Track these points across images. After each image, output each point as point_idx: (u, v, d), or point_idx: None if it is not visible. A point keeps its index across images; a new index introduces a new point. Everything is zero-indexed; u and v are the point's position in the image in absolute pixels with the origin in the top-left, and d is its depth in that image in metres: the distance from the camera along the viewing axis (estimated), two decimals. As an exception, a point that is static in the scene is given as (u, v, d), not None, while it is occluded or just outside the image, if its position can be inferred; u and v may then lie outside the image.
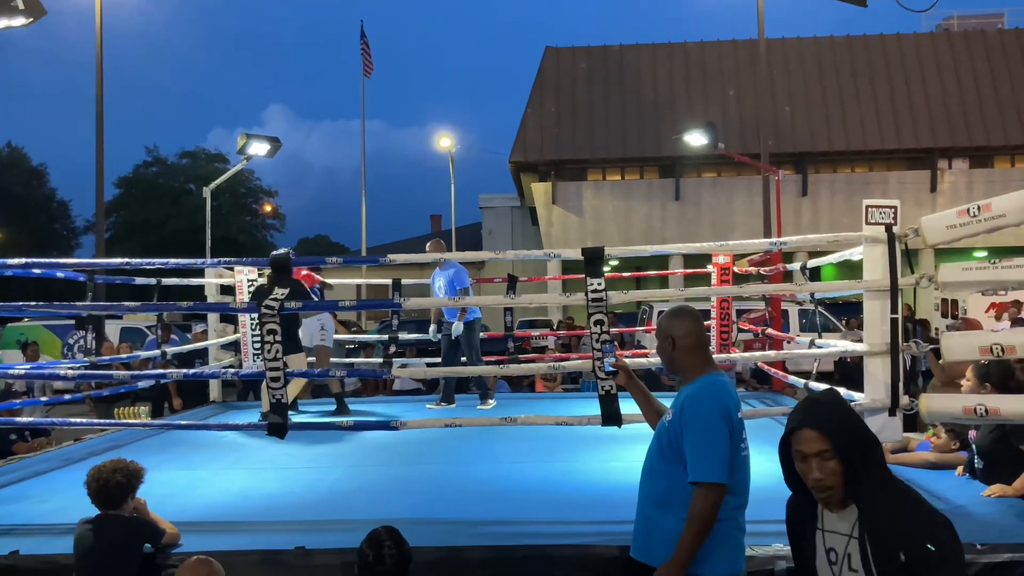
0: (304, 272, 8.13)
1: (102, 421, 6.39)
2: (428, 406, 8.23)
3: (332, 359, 8.47)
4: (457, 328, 8.06)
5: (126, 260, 5.46)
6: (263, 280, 7.80)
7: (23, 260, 5.27)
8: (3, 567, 3.62)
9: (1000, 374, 4.53)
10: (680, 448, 2.90)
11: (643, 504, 3.05)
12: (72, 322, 14.68)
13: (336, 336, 9.58)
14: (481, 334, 9.12)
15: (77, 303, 5.74)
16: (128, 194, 44.49)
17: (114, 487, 3.63)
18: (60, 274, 6.45)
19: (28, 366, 7.69)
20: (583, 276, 4.68)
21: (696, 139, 13.66)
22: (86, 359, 7.25)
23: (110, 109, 16.39)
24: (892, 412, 4.51)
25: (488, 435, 6.43)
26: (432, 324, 8.88)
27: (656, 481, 3.00)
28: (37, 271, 5.89)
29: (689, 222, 27.89)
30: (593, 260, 4.70)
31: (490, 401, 8.21)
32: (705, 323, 8.90)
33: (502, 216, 36.77)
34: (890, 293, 4.49)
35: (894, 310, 4.49)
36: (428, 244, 8.21)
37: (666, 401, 3.21)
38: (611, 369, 3.55)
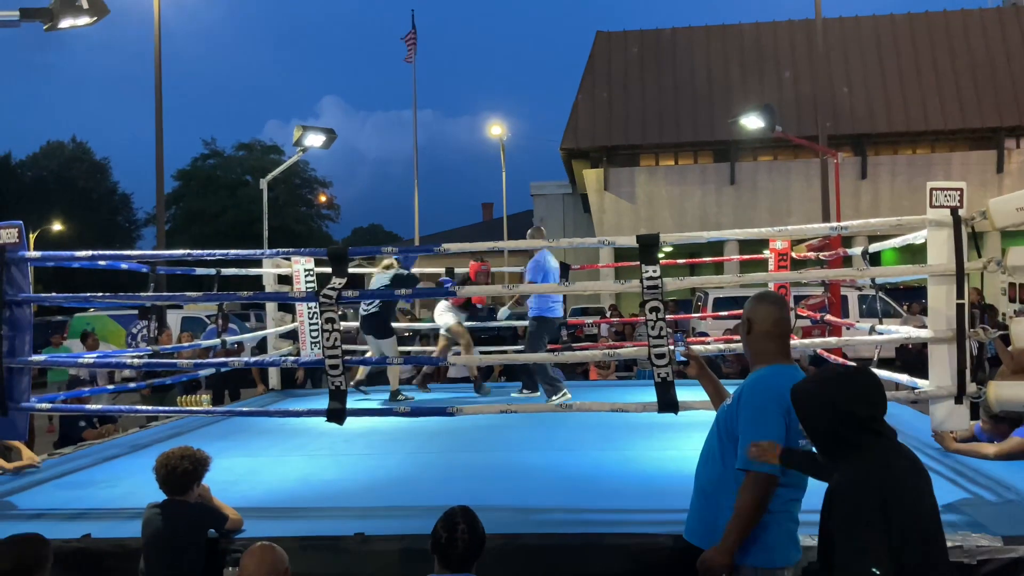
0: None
1: (166, 408, 6.56)
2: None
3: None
4: (502, 314, 8.01)
5: (187, 251, 5.58)
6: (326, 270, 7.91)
7: (90, 252, 5.41)
8: (75, 549, 3.74)
9: None
10: (735, 434, 2.88)
11: (697, 487, 3.06)
12: (136, 312, 15.06)
13: (395, 324, 9.68)
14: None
15: (141, 294, 5.88)
16: (187, 186, 45.54)
17: (181, 474, 3.73)
18: (124, 265, 6.62)
19: (94, 355, 7.92)
20: (636, 263, 4.64)
21: (753, 122, 13.45)
22: (148, 348, 7.45)
23: (168, 103, 16.76)
24: (959, 400, 4.39)
25: (544, 422, 6.44)
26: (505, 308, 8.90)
27: (711, 465, 3.00)
28: (103, 263, 6.05)
29: (745, 207, 27.48)
30: (648, 247, 4.66)
31: (565, 394, 7.41)
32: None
33: (553, 203, 36.68)
34: (956, 278, 4.37)
35: (960, 295, 4.36)
36: (529, 232, 8.10)
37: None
38: (682, 359, 3.53)
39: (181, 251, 5.68)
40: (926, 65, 27.62)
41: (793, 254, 8.06)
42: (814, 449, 2.69)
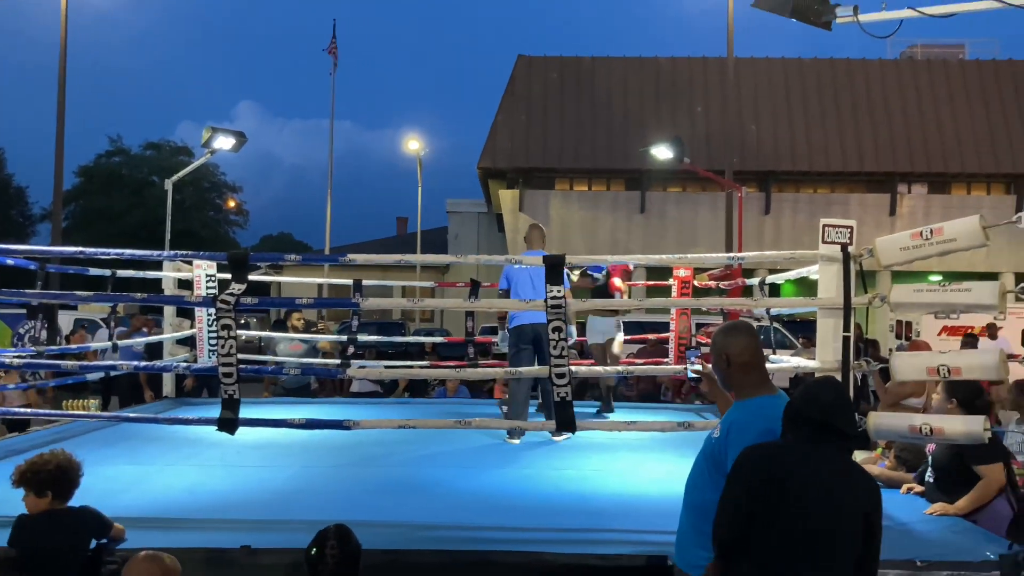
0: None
1: (49, 412, 6.26)
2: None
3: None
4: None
5: (80, 249, 5.36)
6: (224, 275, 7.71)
7: (-30, 245, 5.15)
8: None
9: (966, 392, 4.62)
10: (724, 468, 2.88)
11: (684, 513, 3.09)
12: (23, 311, 14.37)
13: (292, 336, 9.51)
14: (442, 339, 8.95)
15: (27, 291, 5.61)
16: (89, 183, 43.73)
17: (57, 478, 3.54)
18: (10, 261, 6.31)
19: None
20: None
21: (663, 152, 13.80)
22: (34, 349, 7.11)
23: (73, 95, 16.14)
24: (841, 428, 4.58)
25: (444, 439, 6.41)
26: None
27: (698, 494, 3.02)
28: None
29: (653, 235, 28.09)
30: (554, 267, 4.72)
31: (565, 433, 5.84)
32: (663, 335, 9.02)
33: (468, 222, 36.76)
34: (843, 311, 4.57)
35: (847, 328, 4.56)
36: (530, 228, 7.69)
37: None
38: (694, 376, 3.63)
39: (73, 248, 5.46)
40: (830, 109, 28.88)
41: (696, 282, 8.29)
42: None
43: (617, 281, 8.11)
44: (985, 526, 4.22)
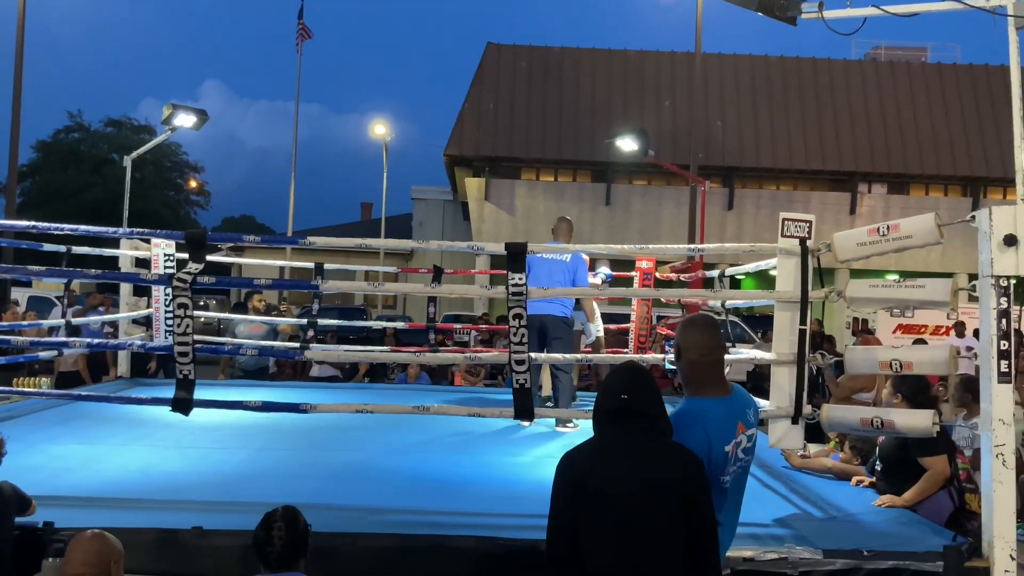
0: None
1: (-2, 390, 6.13)
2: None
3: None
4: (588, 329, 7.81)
5: (33, 224, 5.24)
6: (182, 255, 7.59)
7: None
8: None
9: (912, 387, 4.73)
10: None
11: None
12: (-25, 288, 14.03)
13: (252, 318, 9.40)
14: (403, 325, 8.80)
15: (-23, 265, 5.48)
16: (46, 159, 42.74)
17: None
18: (-39, 234, 6.16)
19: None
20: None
21: (628, 144, 13.85)
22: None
23: (32, 70, 15.75)
24: (795, 420, 4.64)
25: (401, 424, 6.40)
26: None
27: None
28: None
29: (618, 227, 28.22)
30: (516, 255, 4.72)
31: (569, 425, 6.60)
32: (623, 326, 9.06)
33: (433, 209, 36.62)
34: (800, 305, 4.63)
35: (803, 322, 4.62)
36: (559, 220, 7.78)
37: None
38: (671, 368, 3.60)
39: (25, 223, 5.34)
40: (794, 107, 29.19)
41: (657, 274, 8.35)
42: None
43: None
44: (926, 518, 4.32)
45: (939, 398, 5.56)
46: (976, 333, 14.66)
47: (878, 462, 4.89)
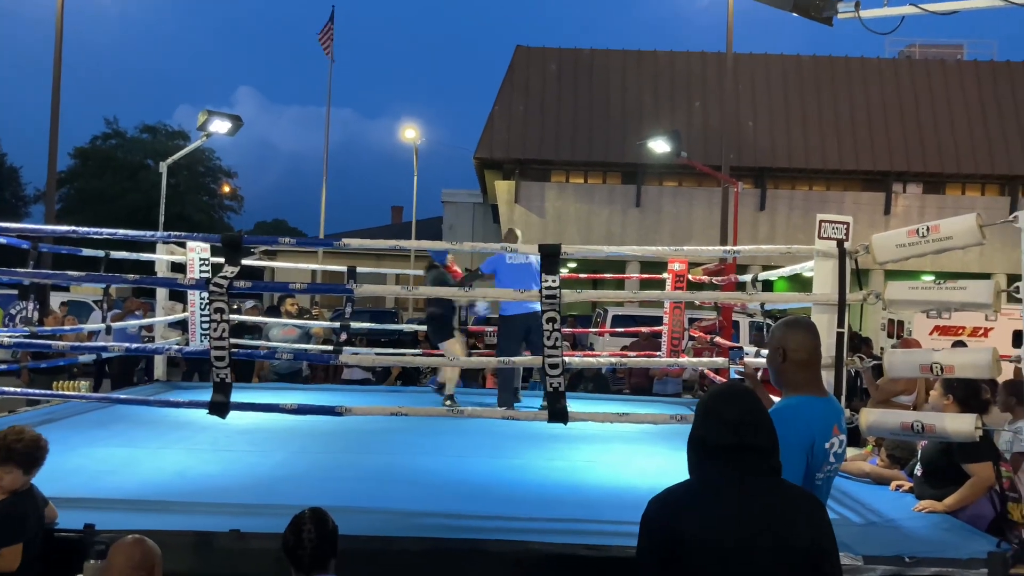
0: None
1: (40, 392, 6.23)
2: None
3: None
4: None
5: (73, 228, 5.33)
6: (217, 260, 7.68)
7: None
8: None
9: (964, 390, 4.62)
10: None
11: None
12: (15, 292, 14.29)
13: (286, 321, 9.48)
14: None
15: (18, 270, 5.57)
16: (84, 165, 43.50)
17: (33, 454, 3.48)
18: (3, 240, 6.27)
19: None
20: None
21: (659, 146, 13.75)
22: (26, 329, 7.08)
23: (71, 77, 16.03)
24: (833, 424, 4.58)
25: (435, 427, 6.40)
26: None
27: None
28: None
29: (648, 229, 28.08)
30: (549, 257, 4.71)
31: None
32: (656, 328, 9.01)
33: (463, 212, 36.68)
34: (838, 307, 4.57)
35: (840, 324, 4.56)
36: (510, 233, 8.28)
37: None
38: (737, 376, 3.56)
39: (65, 227, 5.42)
40: (827, 106, 28.86)
41: (690, 276, 8.29)
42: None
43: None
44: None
45: (991, 402, 5.44)
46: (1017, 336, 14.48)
47: (919, 466, 4.80)
